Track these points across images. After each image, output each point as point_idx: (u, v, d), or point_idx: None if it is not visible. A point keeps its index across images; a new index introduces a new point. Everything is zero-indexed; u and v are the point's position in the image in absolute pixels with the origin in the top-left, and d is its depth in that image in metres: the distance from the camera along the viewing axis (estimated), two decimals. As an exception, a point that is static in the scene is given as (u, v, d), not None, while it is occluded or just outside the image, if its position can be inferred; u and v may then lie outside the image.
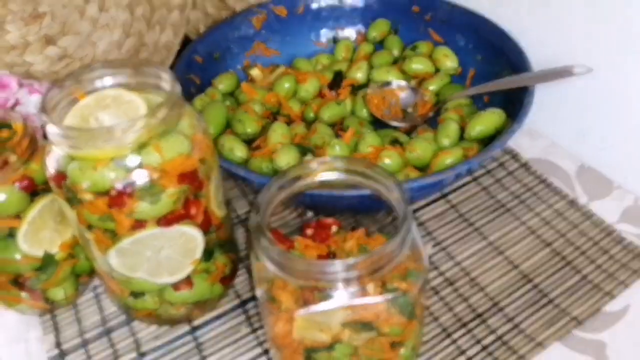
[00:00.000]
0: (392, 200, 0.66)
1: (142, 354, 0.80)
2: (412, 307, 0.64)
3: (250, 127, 0.93)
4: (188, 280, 0.75)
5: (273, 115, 1.00)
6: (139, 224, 0.66)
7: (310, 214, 0.83)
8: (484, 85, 0.95)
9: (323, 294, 0.61)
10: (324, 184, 0.70)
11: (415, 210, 0.94)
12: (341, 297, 0.61)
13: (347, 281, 0.59)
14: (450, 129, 0.91)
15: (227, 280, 0.82)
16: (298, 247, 0.69)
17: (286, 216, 0.82)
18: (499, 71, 0.95)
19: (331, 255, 0.68)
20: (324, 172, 0.69)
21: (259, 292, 0.63)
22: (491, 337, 0.78)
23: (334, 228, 0.71)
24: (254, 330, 0.81)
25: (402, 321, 0.64)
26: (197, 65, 1.03)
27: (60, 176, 0.64)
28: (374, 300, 0.62)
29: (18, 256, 0.76)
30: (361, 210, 0.75)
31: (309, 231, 0.71)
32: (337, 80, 1.04)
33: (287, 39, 1.13)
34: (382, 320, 0.64)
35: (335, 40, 1.15)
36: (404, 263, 0.62)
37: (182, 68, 1.00)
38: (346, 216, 0.73)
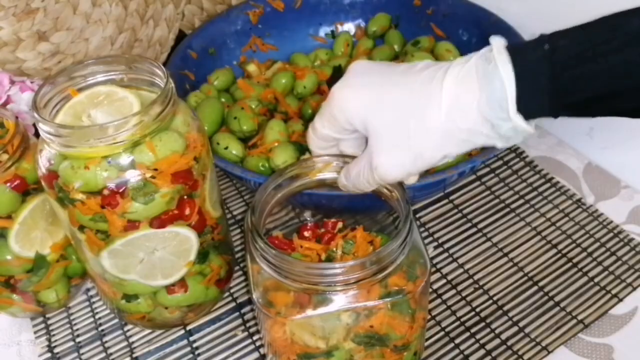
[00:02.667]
0: (393, 200, 0.65)
1: (136, 359, 0.78)
2: (414, 310, 0.63)
3: (246, 124, 0.91)
4: (182, 283, 0.74)
5: (270, 112, 0.98)
6: (131, 225, 0.65)
7: (307, 214, 0.82)
8: (488, 82, 0.93)
9: (321, 297, 0.59)
10: (322, 183, 0.70)
11: (416, 211, 0.93)
12: (340, 301, 0.59)
13: (346, 284, 0.58)
14: (452, 127, 0.88)
15: (222, 283, 0.80)
16: (297, 246, 0.68)
17: (283, 217, 0.81)
18: (502, 67, 0.94)
19: (332, 256, 0.66)
20: (323, 171, 0.69)
21: (255, 296, 0.62)
22: (495, 342, 0.76)
23: (338, 226, 0.70)
24: (251, 335, 0.80)
25: (404, 324, 0.63)
26: (191, 60, 1.01)
27: (52, 175, 0.63)
28: (375, 303, 0.60)
29: (9, 257, 0.75)
30: (361, 210, 0.73)
31: (307, 232, 0.70)
32: (336, 76, 1.02)
33: (285, 34, 1.12)
34: (383, 325, 0.62)
35: (334, 35, 1.13)
36: (406, 264, 0.61)
37: (177, 64, 0.98)
38: (346, 216, 0.71)
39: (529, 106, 0.54)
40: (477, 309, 0.80)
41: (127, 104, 0.65)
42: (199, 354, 0.78)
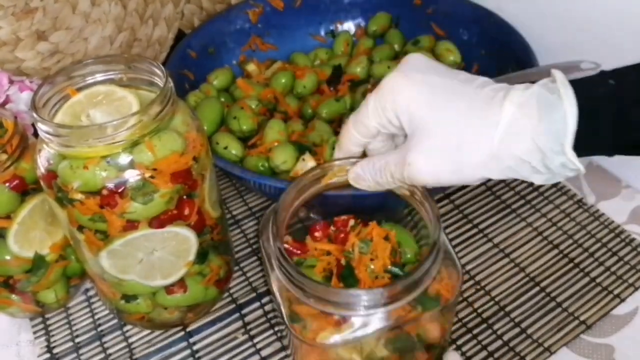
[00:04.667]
0: (412, 199, 0.65)
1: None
2: (446, 314, 0.63)
3: (245, 124, 0.91)
4: (181, 283, 0.73)
5: (269, 111, 0.98)
6: (130, 225, 0.65)
7: (313, 215, 0.81)
8: (488, 81, 0.92)
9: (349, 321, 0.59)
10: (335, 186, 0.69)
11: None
12: (371, 322, 0.59)
13: (374, 307, 0.57)
14: (453, 126, 0.88)
15: (221, 284, 0.80)
16: (311, 249, 0.67)
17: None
18: (503, 66, 0.93)
19: (349, 258, 0.66)
20: (339, 175, 0.68)
21: (284, 312, 0.61)
22: (498, 343, 0.76)
23: (350, 223, 0.70)
24: (251, 337, 0.79)
25: (436, 328, 0.64)
26: (191, 60, 1.01)
27: (51, 175, 0.63)
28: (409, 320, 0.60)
29: (8, 257, 0.75)
30: (374, 209, 0.72)
31: (317, 233, 0.69)
32: (336, 75, 1.02)
33: (284, 33, 1.11)
34: (417, 329, 0.63)
35: (334, 34, 1.13)
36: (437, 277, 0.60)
37: (176, 63, 0.98)
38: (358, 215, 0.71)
39: (588, 142, 0.54)
40: (479, 310, 0.79)
41: (126, 103, 0.64)
42: (199, 357, 0.78)
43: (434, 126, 0.58)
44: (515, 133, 0.55)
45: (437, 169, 0.59)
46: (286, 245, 0.67)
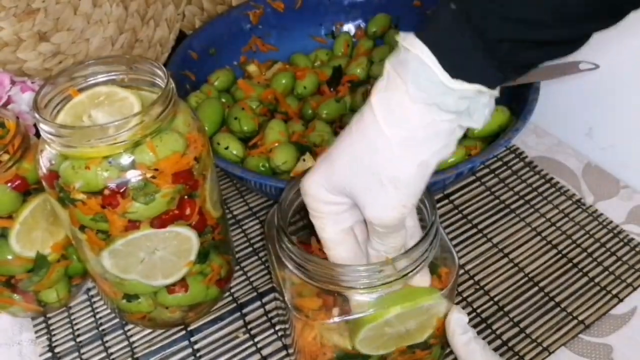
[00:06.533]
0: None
1: (137, 359, 0.78)
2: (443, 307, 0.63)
3: (246, 124, 0.91)
4: (183, 283, 0.73)
5: (270, 112, 0.98)
6: (132, 225, 0.65)
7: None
8: (488, 82, 0.92)
9: (347, 300, 0.59)
10: None
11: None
12: (366, 304, 0.59)
13: (371, 286, 0.57)
14: (452, 127, 0.88)
15: (222, 283, 0.80)
16: (315, 250, 0.67)
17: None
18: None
19: None
20: None
21: (287, 297, 0.61)
22: (497, 343, 0.76)
23: None
24: (252, 337, 0.79)
25: (434, 324, 0.63)
26: (192, 61, 1.01)
27: (53, 175, 0.63)
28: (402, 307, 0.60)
29: (10, 257, 0.75)
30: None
31: None
32: (336, 76, 1.03)
33: (285, 34, 1.12)
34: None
35: (334, 36, 1.13)
36: (433, 263, 0.61)
37: (177, 64, 0.98)
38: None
39: (462, 64, 0.49)
40: (478, 310, 0.80)
41: (127, 104, 0.65)
42: (200, 356, 0.78)
43: (348, 183, 0.55)
44: (394, 111, 0.52)
45: (384, 201, 0.54)
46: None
